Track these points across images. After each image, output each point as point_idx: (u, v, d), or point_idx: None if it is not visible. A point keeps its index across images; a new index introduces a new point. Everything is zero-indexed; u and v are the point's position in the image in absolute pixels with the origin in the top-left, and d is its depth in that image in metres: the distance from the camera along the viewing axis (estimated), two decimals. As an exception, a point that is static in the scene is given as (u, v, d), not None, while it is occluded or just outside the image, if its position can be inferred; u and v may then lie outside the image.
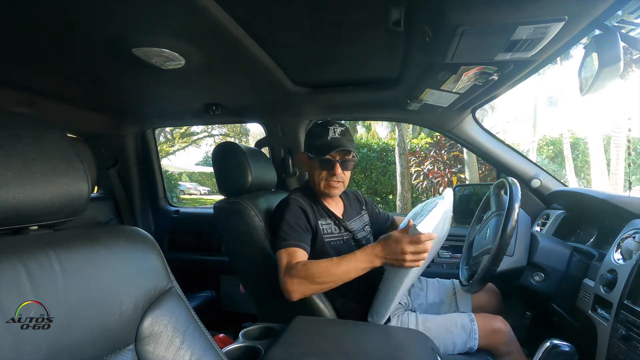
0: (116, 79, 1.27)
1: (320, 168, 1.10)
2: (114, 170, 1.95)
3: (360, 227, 1.24)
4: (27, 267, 0.42)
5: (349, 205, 1.26)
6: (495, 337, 1.01)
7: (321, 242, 1.08)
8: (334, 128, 1.10)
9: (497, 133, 5.99)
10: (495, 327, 1.02)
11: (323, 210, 1.14)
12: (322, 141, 1.09)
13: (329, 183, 1.11)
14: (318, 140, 1.10)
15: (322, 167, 1.10)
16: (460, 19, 0.74)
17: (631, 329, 0.77)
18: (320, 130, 1.11)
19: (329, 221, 1.13)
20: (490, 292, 1.27)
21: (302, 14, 0.90)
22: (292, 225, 1.02)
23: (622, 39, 0.73)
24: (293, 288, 0.91)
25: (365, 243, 1.17)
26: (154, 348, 0.51)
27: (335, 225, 1.14)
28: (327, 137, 1.09)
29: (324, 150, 1.08)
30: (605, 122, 8.82)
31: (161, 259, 0.57)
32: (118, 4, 0.76)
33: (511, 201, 1.01)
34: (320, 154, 1.09)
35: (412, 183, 6.93)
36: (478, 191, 1.69)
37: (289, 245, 0.99)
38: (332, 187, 1.12)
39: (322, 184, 1.12)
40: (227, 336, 1.42)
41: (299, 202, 1.08)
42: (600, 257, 1.02)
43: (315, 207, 1.13)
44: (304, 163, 1.19)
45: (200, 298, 1.86)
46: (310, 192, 1.17)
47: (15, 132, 0.45)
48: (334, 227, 1.13)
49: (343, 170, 1.11)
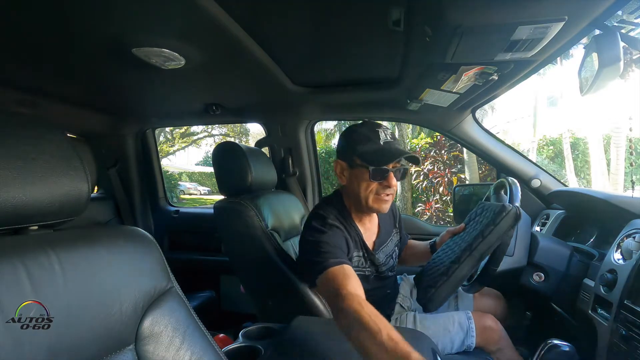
0: (116, 79, 1.27)
1: (372, 179, 0.92)
2: (114, 170, 1.95)
3: (388, 254, 1.09)
4: (27, 267, 0.42)
5: (384, 225, 1.10)
6: (486, 335, 1.01)
7: None
8: (384, 131, 0.95)
9: (497, 133, 5.98)
10: (485, 325, 1.02)
11: (357, 239, 0.99)
12: (374, 146, 0.93)
13: (380, 197, 0.94)
14: (368, 145, 0.93)
15: (374, 178, 0.92)
16: (460, 19, 0.74)
17: (631, 329, 0.77)
18: (368, 132, 0.94)
19: (360, 253, 0.99)
20: (495, 298, 1.25)
21: (302, 14, 0.90)
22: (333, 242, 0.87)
23: (622, 39, 0.73)
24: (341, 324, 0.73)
25: (388, 274, 1.07)
26: (154, 348, 0.51)
27: (363, 259, 1.00)
28: (380, 142, 0.93)
29: (378, 158, 0.91)
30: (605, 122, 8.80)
31: (161, 259, 0.57)
32: (118, 4, 0.76)
33: (511, 201, 1.01)
34: (374, 162, 0.91)
35: (412, 183, 6.93)
36: (478, 191, 1.69)
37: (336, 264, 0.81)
38: (384, 200, 0.95)
39: (371, 198, 0.94)
40: (227, 336, 1.42)
41: (340, 228, 0.93)
42: (600, 257, 1.02)
43: (353, 235, 0.97)
44: (342, 173, 0.99)
45: (200, 298, 1.86)
46: (346, 214, 0.99)
47: (16, 132, 0.45)
48: (361, 260, 1.00)
49: (397, 179, 0.95)
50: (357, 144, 0.94)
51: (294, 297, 1.05)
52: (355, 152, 0.94)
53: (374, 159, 0.91)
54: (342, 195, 1.02)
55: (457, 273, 0.90)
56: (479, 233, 0.92)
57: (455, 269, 0.90)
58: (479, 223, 0.98)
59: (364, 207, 0.96)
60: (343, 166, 0.98)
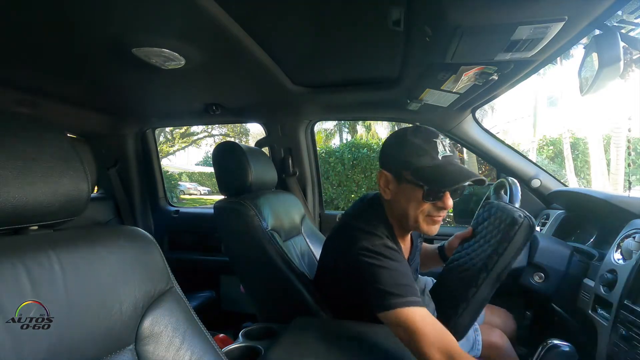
0: (116, 79, 1.27)
1: (425, 199, 0.79)
2: (114, 170, 1.95)
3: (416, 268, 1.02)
4: (27, 267, 0.42)
5: (415, 241, 1.00)
6: (491, 351, 1.00)
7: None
8: (442, 142, 0.80)
9: (497, 133, 5.98)
10: (491, 341, 1.00)
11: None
12: (431, 161, 0.78)
13: (432, 218, 0.82)
14: (423, 159, 0.78)
15: (428, 198, 0.79)
16: (460, 18, 0.74)
17: (631, 329, 0.77)
18: (424, 144, 0.79)
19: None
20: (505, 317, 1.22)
21: (302, 14, 0.90)
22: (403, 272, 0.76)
23: (622, 39, 0.73)
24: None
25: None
26: (154, 348, 0.51)
27: None
28: (438, 156, 0.78)
29: (437, 179, 0.77)
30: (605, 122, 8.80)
31: (161, 259, 0.57)
32: (118, 4, 0.76)
33: (511, 201, 1.01)
34: (431, 182, 0.77)
35: (412, 183, 6.95)
36: (478, 191, 1.69)
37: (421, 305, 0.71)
38: (435, 222, 0.83)
39: (422, 219, 0.81)
40: (227, 336, 1.42)
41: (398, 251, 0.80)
42: (600, 257, 1.02)
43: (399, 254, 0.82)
44: (387, 186, 0.85)
45: (200, 298, 1.86)
46: (390, 228, 0.86)
47: (16, 132, 0.45)
48: None
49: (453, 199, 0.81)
50: (411, 157, 0.79)
51: (294, 297, 1.05)
52: (407, 167, 0.79)
53: (431, 178, 0.77)
54: (384, 210, 0.87)
55: (477, 297, 0.85)
56: (494, 251, 0.85)
57: (475, 293, 0.85)
58: (491, 233, 0.92)
59: (411, 227, 0.84)
60: (389, 179, 0.83)
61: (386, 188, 0.85)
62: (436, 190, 0.78)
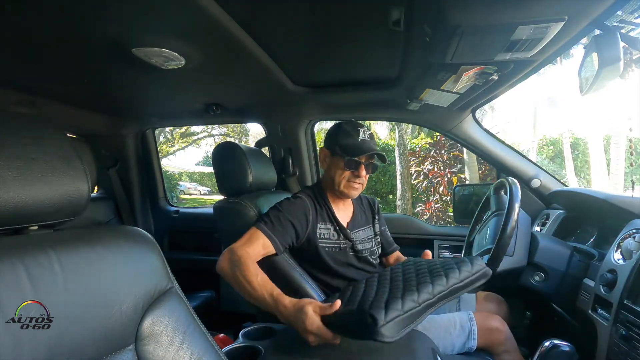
0: (116, 79, 1.27)
1: (345, 167, 1.09)
2: (113, 170, 1.95)
3: (365, 238, 1.19)
4: (27, 267, 0.42)
5: (359, 213, 1.23)
6: (492, 336, 1.01)
7: (315, 246, 1.06)
8: (364, 130, 1.12)
9: (497, 133, 5.97)
10: (492, 326, 1.02)
11: (327, 213, 1.12)
12: (352, 141, 1.09)
13: (350, 184, 1.10)
14: (348, 139, 1.09)
15: (348, 167, 1.09)
16: (460, 18, 0.74)
17: (631, 329, 0.77)
18: (351, 129, 1.11)
19: (328, 226, 1.11)
20: (498, 302, 1.25)
21: (302, 14, 0.90)
22: (284, 217, 1.01)
23: (622, 39, 0.73)
24: (223, 265, 0.94)
25: (367, 255, 1.15)
26: (154, 348, 0.51)
27: (335, 232, 1.11)
28: (358, 138, 1.09)
29: (353, 151, 1.08)
30: (605, 122, 8.81)
31: (161, 259, 0.57)
32: (118, 4, 0.76)
33: (511, 201, 1.01)
34: (349, 153, 1.08)
35: (412, 183, 6.93)
36: (478, 191, 1.69)
37: (267, 235, 0.97)
38: (353, 187, 1.11)
39: (343, 184, 1.10)
40: (227, 336, 1.42)
41: (304, 199, 1.09)
42: (600, 257, 1.02)
43: (318, 209, 1.11)
44: (325, 159, 1.17)
45: (200, 298, 1.86)
46: (320, 192, 1.16)
47: (16, 132, 0.45)
48: (332, 232, 1.11)
49: (366, 172, 1.11)
50: (340, 137, 1.11)
51: (294, 297, 1.05)
52: (337, 143, 1.10)
53: (350, 151, 1.08)
54: (322, 180, 1.21)
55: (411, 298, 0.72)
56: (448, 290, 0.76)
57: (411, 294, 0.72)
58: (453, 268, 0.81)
59: (336, 190, 1.13)
60: (326, 153, 1.15)
61: (324, 160, 1.17)
62: (353, 161, 1.08)
